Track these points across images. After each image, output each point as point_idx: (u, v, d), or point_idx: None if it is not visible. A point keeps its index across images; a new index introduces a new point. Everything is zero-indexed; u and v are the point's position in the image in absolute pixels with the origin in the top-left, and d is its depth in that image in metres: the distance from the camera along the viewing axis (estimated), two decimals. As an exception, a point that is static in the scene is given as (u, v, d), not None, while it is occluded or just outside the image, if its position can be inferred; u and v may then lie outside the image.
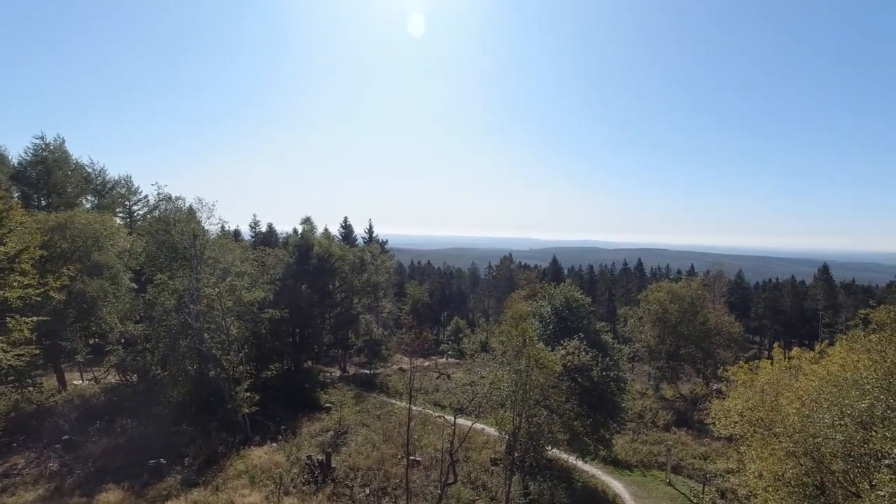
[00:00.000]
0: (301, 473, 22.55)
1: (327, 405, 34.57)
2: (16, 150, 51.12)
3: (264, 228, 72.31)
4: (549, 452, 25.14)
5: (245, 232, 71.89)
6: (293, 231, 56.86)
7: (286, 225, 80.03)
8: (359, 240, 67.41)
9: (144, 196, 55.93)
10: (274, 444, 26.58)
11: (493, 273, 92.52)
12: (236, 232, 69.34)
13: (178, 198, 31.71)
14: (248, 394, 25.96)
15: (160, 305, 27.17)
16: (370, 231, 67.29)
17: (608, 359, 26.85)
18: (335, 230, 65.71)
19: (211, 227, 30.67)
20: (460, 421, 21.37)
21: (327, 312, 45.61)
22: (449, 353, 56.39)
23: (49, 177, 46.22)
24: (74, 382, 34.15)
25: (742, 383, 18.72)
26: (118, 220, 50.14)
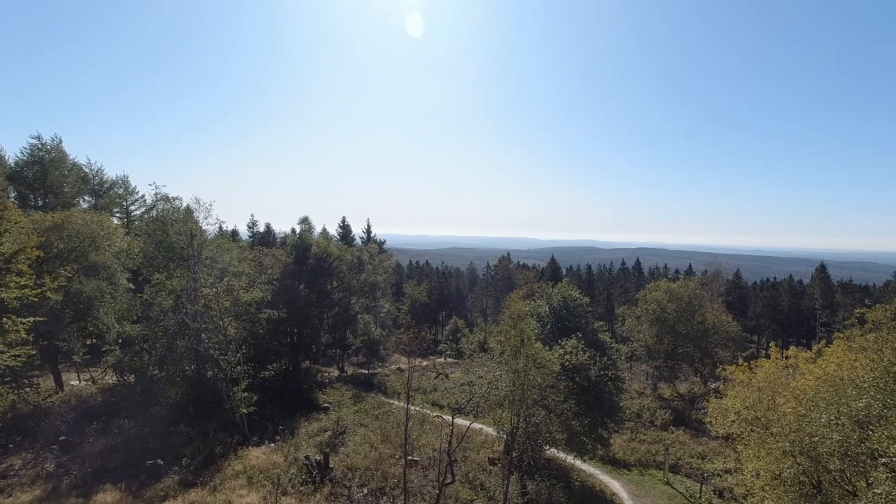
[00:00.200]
0: (299, 474, 22.51)
1: (325, 405, 34.54)
2: (12, 150, 50.89)
3: (262, 228, 72.27)
4: (547, 452, 25.14)
5: (243, 232, 71.84)
6: (291, 231, 56.85)
7: (284, 225, 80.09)
8: (357, 239, 67.43)
9: (142, 196, 55.87)
10: (272, 445, 26.56)
11: (492, 273, 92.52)
12: (234, 232, 69.27)
13: (176, 198, 31.68)
14: (246, 394, 25.91)
15: (157, 306, 27.07)
16: (368, 231, 67.30)
17: (606, 358, 26.84)
18: (333, 230, 65.76)
19: (208, 227, 30.61)
20: (458, 421, 21.33)
21: (325, 312, 45.52)
22: (447, 353, 56.41)
23: (46, 177, 46.05)
24: (71, 383, 34.03)
25: (740, 382, 18.70)
26: (115, 220, 50.04)
